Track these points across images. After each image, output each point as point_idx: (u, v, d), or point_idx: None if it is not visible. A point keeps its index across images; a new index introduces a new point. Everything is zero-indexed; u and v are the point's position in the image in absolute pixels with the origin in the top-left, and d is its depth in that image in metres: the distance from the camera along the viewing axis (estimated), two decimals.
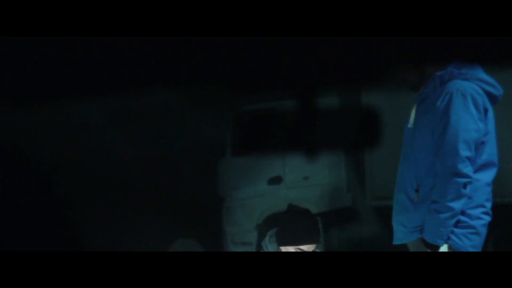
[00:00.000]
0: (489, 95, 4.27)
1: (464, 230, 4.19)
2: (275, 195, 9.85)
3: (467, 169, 4.15)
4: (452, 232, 4.18)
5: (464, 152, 4.14)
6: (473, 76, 4.22)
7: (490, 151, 4.29)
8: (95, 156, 6.80)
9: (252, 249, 9.80)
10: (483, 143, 4.24)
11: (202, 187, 9.45)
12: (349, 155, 9.57)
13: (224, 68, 2.72)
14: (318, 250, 4.32)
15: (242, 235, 10.06)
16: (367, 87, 7.88)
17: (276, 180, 9.94)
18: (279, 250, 4.25)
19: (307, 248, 4.17)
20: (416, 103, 4.39)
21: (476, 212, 4.23)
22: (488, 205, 4.29)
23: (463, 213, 4.19)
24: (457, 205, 4.15)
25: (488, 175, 4.29)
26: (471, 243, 4.20)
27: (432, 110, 4.23)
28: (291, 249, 4.19)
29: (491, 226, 4.38)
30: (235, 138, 9.97)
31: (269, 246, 4.28)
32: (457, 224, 4.19)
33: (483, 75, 4.26)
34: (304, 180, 9.80)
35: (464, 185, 4.14)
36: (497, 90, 4.30)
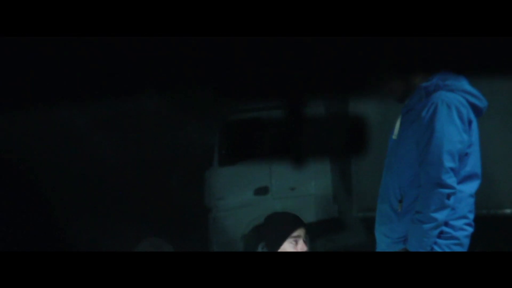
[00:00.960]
0: (474, 107, 4.28)
1: (447, 241, 4.20)
2: (261, 206, 9.85)
3: (451, 180, 4.16)
4: (435, 243, 4.18)
5: (448, 163, 4.15)
6: (458, 87, 4.24)
7: (474, 163, 4.30)
8: (83, 160, 6.78)
9: None
10: (467, 154, 4.25)
11: (190, 194, 9.44)
12: (336, 166, 9.58)
13: (213, 75, 2.73)
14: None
15: (228, 245, 10.04)
16: (354, 97, 7.90)
17: (262, 191, 9.93)
18: None
19: (298, 234, 4.24)
20: (401, 115, 4.41)
21: (459, 223, 4.24)
22: (471, 216, 4.30)
23: (446, 224, 4.20)
24: (440, 215, 4.15)
25: (471, 187, 4.30)
26: None
27: (417, 121, 4.24)
28: (287, 247, 4.24)
29: (477, 237, 4.39)
30: (222, 147, 9.97)
31: None
32: (440, 235, 4.19)
33: (468, 86, 4.28)
34: (290, 190, 9.80)
35: (448, 196, 4.15)
36: (482, 102, 4.32)
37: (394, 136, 4.42)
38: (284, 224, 4.33)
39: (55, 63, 2.64)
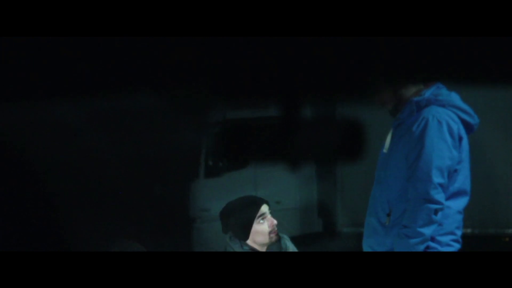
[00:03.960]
0: (465, 124, 4.29)
1: None
2: None
3: (439, 195, 4.15)
4: None
5: (437, 179, 4.15)
6: (449, 103, 4.25)
7: (463, 180, 4.30)
8: (79, 157, 6.75)
9: None
10: (456, 171, 4.25)
11: (173, 204, 9.40)
12: (322, 181, 9.59)
13: (207, 74, 2.73)
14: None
15: None
16: (342, 109, 7.89)
17: None
18: (241, 246, 4.37)
19: (262, 212, 4.38)
20: (392, 128, 4.41)
21: (446, 239, 4.24)
22: (459, 232, 4.30)
23: (433, 239, 4.20)
24: (427, 231, 4.15)
25: (459, 203, 4.30)
26: None
27: (407, 135, 4.24)
28: (258, 228, 4.34)
29: None
30: (208, 158, 9.97)
31: (232, 244, 4.34)
32: (427, 250, 4.19)
33: (459, 102, 4.29)
34: (275, 204, 9.80)
35: (435, 212, 4.15)
36: (473, 119, 4.32)
37: (384, 150, 4.41)
38: (245, 209, 4.39)
39: (52, 60, 2.63)
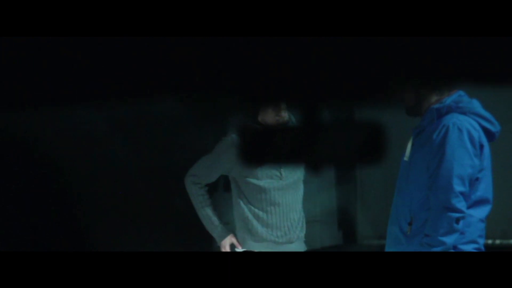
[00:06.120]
0: (486, 131, 4.26)
1: None
2: None
3: (460, 204, 4.14)
4: None
5: (458, 187, 4.13)
6: (470, 110, 4.22)
7: (485, 188, 4.27)
8: (98, 163, 6.76)
9: None
10: (477, 179, 4.23)
11: (194, 217, 9.38)
12: (342, 193, 9.55)
13: (226, 80, 2.72)
14: None
15: None
16: (361, 120, 7.85)
17: None
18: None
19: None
20: (413, 136, 4.39)
21: (468, 247, 4.22)
22: (481, 241, 4.27)
23: (455, 248, 4.18)
24: (449, 239, 4.13)
25: (481, 211, 4.27)
26: None
27: (428, 143, 4.22)
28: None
29: None
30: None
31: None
32: None
33: (481, 110, 4.27)
34: None
35: (457, 220, 4.13)
36: (494, 127, 4.29)
37: (405, 158, 4.40)
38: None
39: (72, 66, 2.63)
